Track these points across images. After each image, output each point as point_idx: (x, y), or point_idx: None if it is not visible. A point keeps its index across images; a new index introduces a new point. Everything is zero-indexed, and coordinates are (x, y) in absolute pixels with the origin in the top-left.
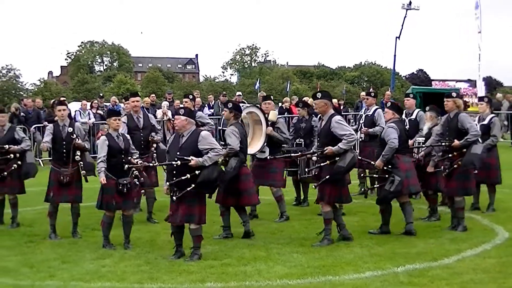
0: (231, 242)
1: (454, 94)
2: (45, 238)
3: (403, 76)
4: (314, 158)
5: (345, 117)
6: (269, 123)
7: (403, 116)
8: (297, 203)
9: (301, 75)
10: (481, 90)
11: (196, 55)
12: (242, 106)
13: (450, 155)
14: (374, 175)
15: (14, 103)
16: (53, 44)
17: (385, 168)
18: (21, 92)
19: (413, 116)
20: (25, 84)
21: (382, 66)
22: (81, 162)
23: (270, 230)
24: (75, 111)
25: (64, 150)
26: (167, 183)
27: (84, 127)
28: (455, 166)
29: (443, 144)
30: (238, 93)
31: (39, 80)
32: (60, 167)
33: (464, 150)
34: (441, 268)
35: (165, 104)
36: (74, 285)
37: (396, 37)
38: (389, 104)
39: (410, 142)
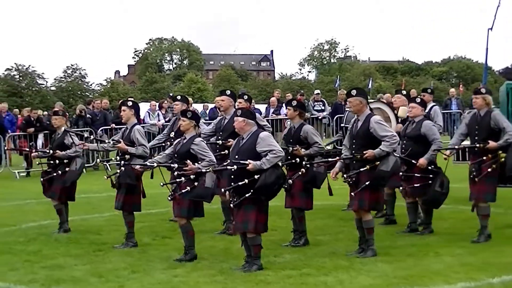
0: (310, 251)
1: (483, 90)
2: (113, 246)
3: (496, 71)
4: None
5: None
6: (399, 119)
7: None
8: None
9: (384, 71)
10: None
11: (271, 52)
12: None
13: (484, 158)
14: (415, 174)
15: (80, 104)
16: (120, 42)
17: (429, 168)
18: (87, 93)
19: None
20: (91, 85)
21: (473, 60)
22: (123, 168)
23: (352, 238)
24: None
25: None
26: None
27: (154, 129)
28: (489, 170)
29: (477, 145)
30: (316, 91)
31: (105, 80)
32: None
33: (501, 152)
34: None
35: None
36: None
37: (489, 29)
38: (418, 99)
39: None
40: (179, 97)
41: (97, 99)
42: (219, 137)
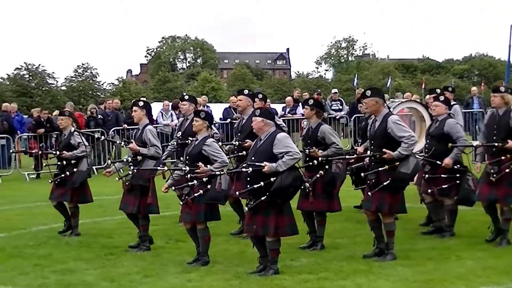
0: (328, 254)
1: (502, 88)
2: (126, 250)
3: None
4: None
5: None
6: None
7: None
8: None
9: (404, 70)
10: None
11: (287, 50)
12: (393, 102)
13: (502, 157)
14: (442, 175)
15: (91, 104)
16: (132, 40)
17: (455, 167)
18: (98, 93)
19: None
20: (102, 84)
21: (495, 57)
22: (135, 169)
23: (370, 241)
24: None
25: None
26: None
27: (167, 130)
28: (507, 170)
29: (496, 145)
30: (333, 90)
31: (117, 79)
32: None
33: None
34: None
35: None
36: None
37: (511, 25)
38: (442, 98)
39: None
40: (186, 97)
41: (108, 99)
42: (237, 138)
